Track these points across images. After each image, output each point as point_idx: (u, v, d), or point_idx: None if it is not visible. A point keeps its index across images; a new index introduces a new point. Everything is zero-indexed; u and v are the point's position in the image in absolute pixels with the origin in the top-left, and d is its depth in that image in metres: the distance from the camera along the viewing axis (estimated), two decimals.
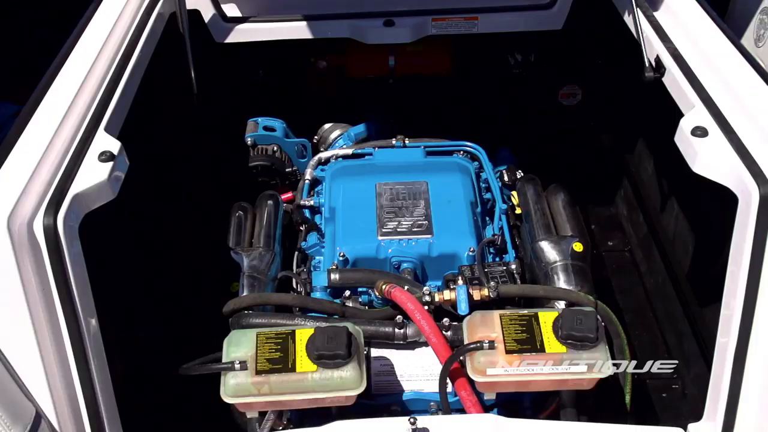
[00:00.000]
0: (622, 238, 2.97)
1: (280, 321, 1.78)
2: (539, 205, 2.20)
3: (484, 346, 1.58)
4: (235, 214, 2.23)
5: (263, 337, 1.60)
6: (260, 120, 2.67)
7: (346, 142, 2.73)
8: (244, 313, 1.83)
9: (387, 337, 1.81)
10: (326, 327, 1.59)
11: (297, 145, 2.66)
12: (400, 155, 2.45)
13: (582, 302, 1.79)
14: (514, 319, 1.63)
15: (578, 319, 1.58)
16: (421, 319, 1.70)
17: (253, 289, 1.96)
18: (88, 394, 1.45)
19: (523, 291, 1.84)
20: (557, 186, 2.29)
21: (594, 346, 1.58)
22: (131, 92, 1.90)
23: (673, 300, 2.42)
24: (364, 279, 1.91)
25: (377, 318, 1.84)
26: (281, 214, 2.29)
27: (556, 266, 1.96)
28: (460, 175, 2.28)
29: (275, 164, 2.57)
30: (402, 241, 2.03)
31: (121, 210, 1.72)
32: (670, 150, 1.75)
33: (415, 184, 2.21)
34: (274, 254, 2.08)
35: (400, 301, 1.74)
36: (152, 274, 2.24)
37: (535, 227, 2.12)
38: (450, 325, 1.78)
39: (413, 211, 2.11)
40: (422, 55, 2.91)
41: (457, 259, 2.01)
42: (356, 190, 2.22)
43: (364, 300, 1.97)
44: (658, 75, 1.94)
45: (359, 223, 2.10)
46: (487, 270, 1.92)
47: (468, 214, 2.12)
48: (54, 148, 1.62)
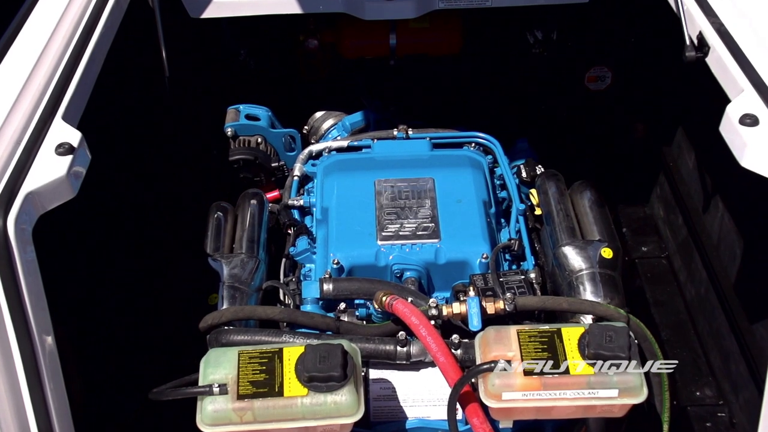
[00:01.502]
0: (659, 242, 2.98)
1: (265, 338, 1.78)
2: (562, 205, 2.20)
3: (500, 366, 1.58)
4: (214, 216, 2.23)
5: (246, 357, 1.60)
6: (242, 108, 2.67)
7: (340, 133, 2.73)
8: (223, 329, 1.83)
9: (388, 356, 1.81)
10: (318, 345, 1.59)
11: (284, 136, 2.66)
12: (403, 148, 2.45)
13: (612, 316, 1.79)
14: (533, 336, 1.63)
15: (608, 335, 1.58)
16: (426, 335, 1.70)
17: (234, 301, 1.96)
18: (42, 424, 1.44)
19: (543, 303, 1.85)
20: (583, 183, 2.29)
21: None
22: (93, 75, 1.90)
23: (718, 314, 2.42)
24: (362, 290, 1.91)
25: (377, 334, 1.84)
26: (266, 216, 2.29)
27: (582, 275, 1.96)
28: (472, 170, 2.28)
29: (259, 158, 2.58)
30: (405, 247, 2.03)
31: (82, 211, 1.72)
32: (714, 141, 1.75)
33: (420, 181, 2.21)
34: (259, 261, 2.08)
35: (403, 315, 1.75)
36: (118, 285, 2.24)
37: (557, 230, 2.12)
38: (460, 342, 1.78)
39: (418, 212, 2.11)
40: (428, 33, 2.91)
41: (467, 267, 2.01)
42: (352, 187, 2.22)
43: (362, 314, 1.97)
44: (701, 54, 1.94)
45: (356, 226, 2.10)
46: (502, 279, 1.93)
47: (480, 215, 2.12)
48: (3, 139, 1.62)
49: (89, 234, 2.10)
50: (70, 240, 1.94)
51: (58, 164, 1.59)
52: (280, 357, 1.60)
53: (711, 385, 2.51)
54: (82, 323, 1.97)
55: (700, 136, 2.63)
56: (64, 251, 1.87)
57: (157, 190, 2.59)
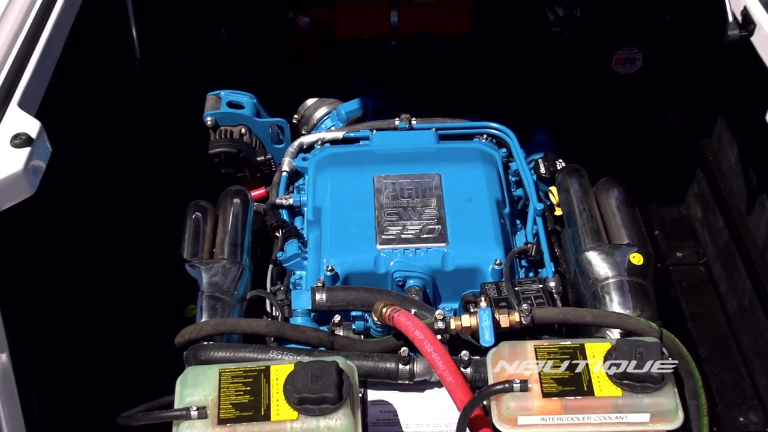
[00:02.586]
0: (696, 247, 2.98)
1: (249, 354, 1.79)
2: (586, 205, 2.20)
3: (515, 387, 1.58)
4: (191, 216, 2.24)
5: (228, 376, 1.60)
6: (223, 94, 2.66)
7: (335, 123, 2.73)
8: (202, 345, 1.84)
9: (389, 375, 1.81)
10: (310, 362, 1.59)
11: (271, 126, 2.66)
12: (405, 140, 2.45)
13: (642, 331, 1.79)
14: (553, 353, 1.64)
15: (638, 352, 1.58)
16: (432, 351, 1.70)
17: (215, 313, 1.96)
18: None
19: (565, 316, 1.85)
20: (610, 180, 2.29)
21: (659, 389, 1.58)
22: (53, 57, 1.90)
23: (765, 328, 2.42)
24: (359, 300, 1.92)
25: (376, 350, 1.85)
26: (251, 216, 2.30)
27: (608, 284, 1.97)
28: (483, 165, 2.28)
29: (243, 151, 2.58)
30: (408, 252, 2.04)
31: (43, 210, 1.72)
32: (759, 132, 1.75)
33: (425, 178, 2.21)
34: (242, 268, 2.09)
35: (406, 328, 1.75)
36: (83, 295, 2.24)
37: (580, 233, 2.13)
38: (470, 359, 1.78)
39: (422, 213, 2.12)
40: (434, 10, 2.92)
41: (478, 275, 2.02)
42: (348, 184, 2.23)
43: (359, 327, 1.98)
44: (745, 33, 1.94)
45: (352, 228, 2.10)
46: (518, 288, 1.93)
47: (493, 215, 2.12)
48: None
49: (49, 237, 2.10)
50: (27, 244, 1.94)
51: (14, 158, 1.58)
52: (267, 376, 1.60)
53: (756, 409, 2.50)
54: (40, 338, 1.97)
55: (743, 126, 2.62)
56: (20, 256, 1.87)
57: (128, 188, 2.59)
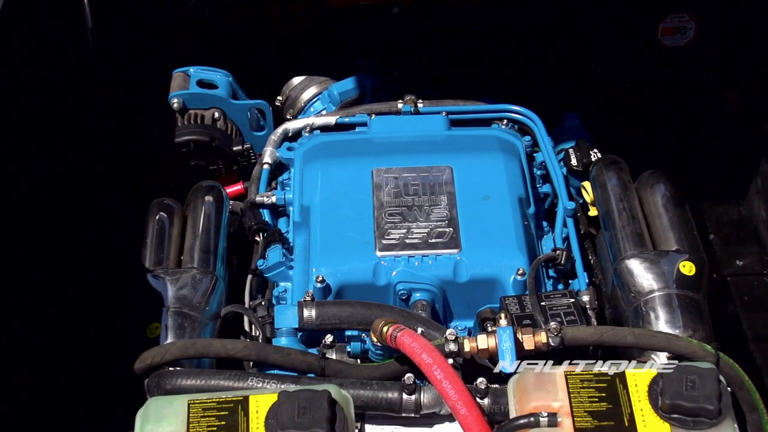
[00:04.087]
0: (759, 254, 2.98)
1: (224, 382, 1.80)
2: (626, 203, 2.22)
3: (542, 421, 1.59)
4: (155, 217, 2.25)
5: (198, 408, 1.61)
6: (192, 71, 2.68)
7: (326, 106, 2.74)
8: (168, 371, 1.85)
9: (391, 407, 1.82)
10: (297, 391, 1.59)
11: (250, 109, 2.67)
12: (410, 126, 2.46)
13: (695, 355, 1.79)
14: (587, 381, 1.64)
15: (689, 380, 1.58)
16: (443, 379, 1.70)
17: (183, 332, 1.97)
18: None
19: (601, 337, 1.85)
20: (655, 173, 2.30)
21: (715, 425, 1.58)
22: None
23: None
24: (355, 317, 1.93)
25: (375, 377, 1.86)
26: (226, 217, 2.31)
27: (654, 298, 1.98)
28: (503, 156, 2.29)
29: (216, 139, 2.58)
30: (413, 260, 2.05)
31: None
32: None
33: (434, 171, 2.22)
34: (216, 279, 2.10)
35: (411, 351, 1.74)
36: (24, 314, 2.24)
37: (619, 237, 2.14)
38: (488, 388, 1.79)
39: (430, 213, 2.13)
40: None
41: (498, 287, 2.03)
42: (342, 179, 2.24)
43: (355, 350, 1.99)
44: None
45: (347, 231, 2.12)
46: (544, 303, 1.94)
47: (515, 216, 2.13)
48: None
49: None
50: None
51: None
52: (246, 408, 1.61)
53: None
54: None
55: None
56: None
57: (78, 184, 2.59)
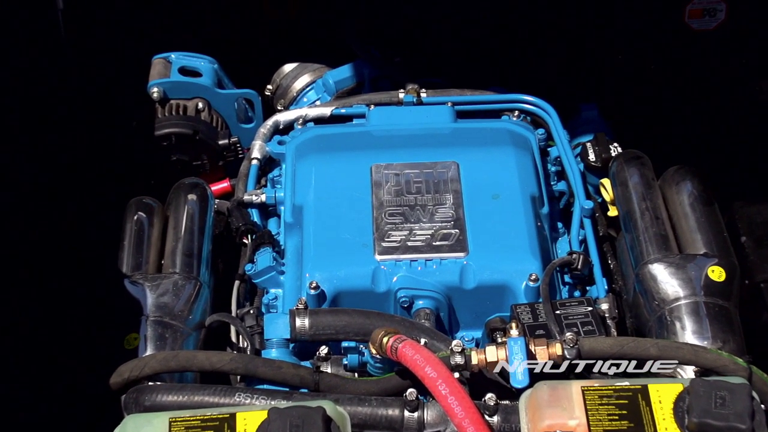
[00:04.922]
0: None
1: (209, 398, 1.79)
2: (649, 203, 2.22)
3: None
4: (133, 218, 2.25)
5: (181, 426, 1.60)
6: (174, 57, 2.68)
7: (320, 96, 2.74)
8: (147, 386, 1.85)
9: (391, 425, 1.81)
10: (288, 408, 1.59)
11: (238, 99, 2.67)
12: (413, 118, 2.46)
13: (725, 368, 1.79)
14: (607, 396, 1.64)
15: (719, 397, 1.58)
16: (448, 394, 1.69)
17: (164, 343, 1.97)
18: None
19: (621, 348, 1.84)
20: (681, 170, 2.30)
21: None
22: None
23: None
24: (352, 327, 1.93)
25: (375, 393, 1.85)
26: (211, 218, 2.31)
27: (679, 306, 1.98)
28: (514, 150, 2.30)
29: (200, 132, 2.59)
30: (416, 264, 2.05)
31: None
32: None
33: (438, 167, 2.23)
34: (200, 285, 2.11)
35: (414, 364, 1.74)
36: None
37: (642, 240, 2.14)
38: (497, 404, 1.78)
39: (434, 213, 2.13)
40: None
41: (508, 294, 2.03)
42: (338, 176, 2.24)
43: (352, 362, 1.99)
44: None
45: (343, 233, 2.12)
46: (559, 312, 1.94)
47: (527, 217, 2.14)
48: None
49: None
50: None
51: None
52: (232, 426, 1.60)
53: None
54: None
55: None
56: None
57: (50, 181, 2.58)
